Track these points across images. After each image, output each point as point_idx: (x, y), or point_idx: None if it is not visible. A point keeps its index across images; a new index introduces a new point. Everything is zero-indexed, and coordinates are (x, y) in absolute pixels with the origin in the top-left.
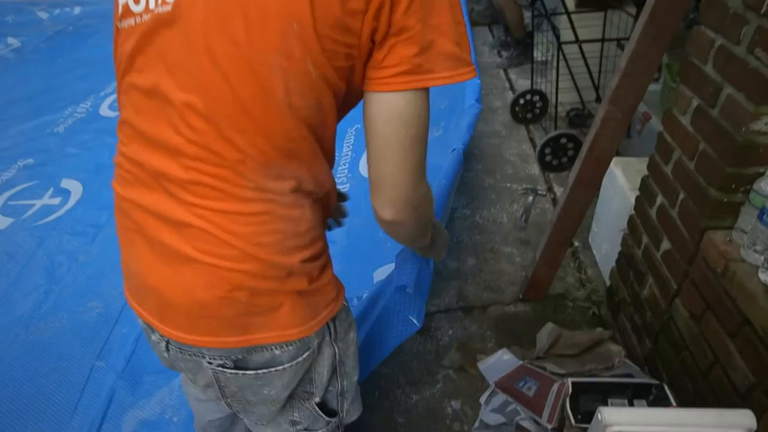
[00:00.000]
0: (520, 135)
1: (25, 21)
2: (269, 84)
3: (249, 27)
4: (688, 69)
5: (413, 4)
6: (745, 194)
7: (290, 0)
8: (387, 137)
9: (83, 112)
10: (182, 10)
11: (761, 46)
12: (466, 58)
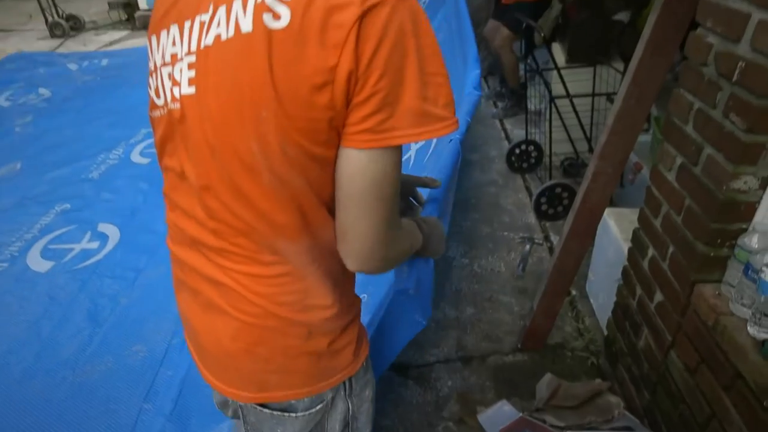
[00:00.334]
0: (517, 184)
1: (56, 72)
2: (255, 168)
3: (229, 120)
4: (670, 128)
5: (385, 73)
6: (730, 249)
7: (257, 90)
8: (350, 192)
9: (115, 159)
10: (186, 108)
11: (735, 111)
12: (439, 113)
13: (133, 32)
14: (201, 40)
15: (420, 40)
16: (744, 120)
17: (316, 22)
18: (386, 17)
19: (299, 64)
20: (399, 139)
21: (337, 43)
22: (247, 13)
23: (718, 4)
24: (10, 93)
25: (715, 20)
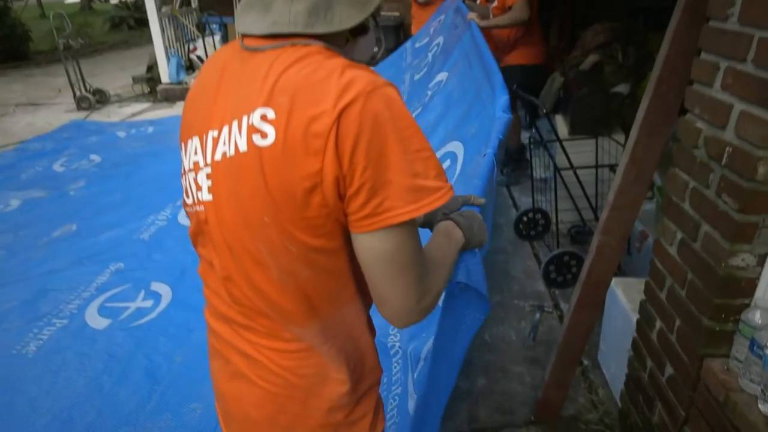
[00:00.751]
0: (525, 251)
1: (106, 139)
2: (264, 264)
3: (239, 225)
4: (669, 204)
5: (368, 164)
6: (735, 324)
7: (257, 200)
8: (372, 272)
9: (164, 220)
10: (207, 212)
11: (726, 192)
12: (431, 185)
13: (154, 104)
14: (213, 154)
15: (398, 123)
16: (736, 201)
17: (298, 135)
18: (358, 115)
19: (289, 174)
20: (398, 217)
21: (318, 149)
22: (241, 134)
23: (703, 94)
24: (64, 159)
25: (701, 108)
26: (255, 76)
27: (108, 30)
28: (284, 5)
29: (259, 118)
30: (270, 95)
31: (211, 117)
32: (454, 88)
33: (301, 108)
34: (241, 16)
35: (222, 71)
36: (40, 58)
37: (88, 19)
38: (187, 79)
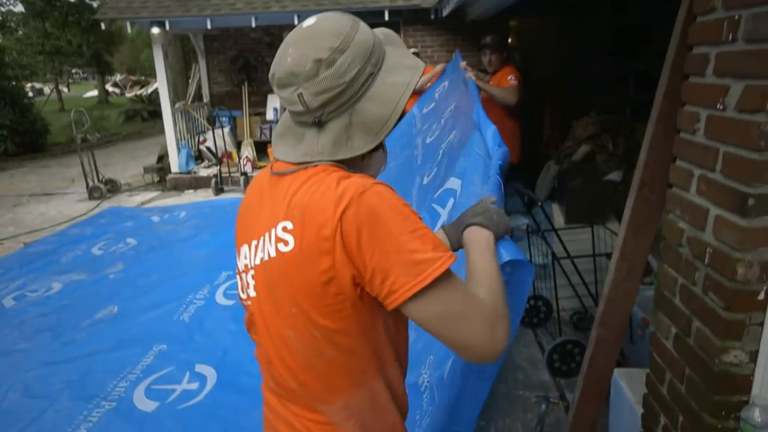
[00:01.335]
0: (528, 339)
1: (141, 224)
2: (293, 349)
3: (275, 317)
4: (661, 299)
5: (373, 251)
6: (736, 421)
7: (286, 296)
8: (434, 331)
9: (202, 300)
10: (254, 306)
11: (712, 290)
12: (430, 256)
13: (163, 193)
14: (255, 259)
15: (390, 213)
16: (721, 299)
17: (311, 240)
18: (355, 215)
19: (308, 271)
20: (411, 290)
21: (328, 249)
22: (271, 242)
23: (682, 197)
24: (102, 243)
25: (681, 210)
26: (280, 195)
27: (123, 122)
28: (313, 138)
29: (281, 229)
30: (287, 210)
31: (254, 229)
32: (458, 139)
33: (310, 219)
34: (276, 143)
35: (260, 192)
36: (56, 149)
37: (105, 112)
38: (195, 169)
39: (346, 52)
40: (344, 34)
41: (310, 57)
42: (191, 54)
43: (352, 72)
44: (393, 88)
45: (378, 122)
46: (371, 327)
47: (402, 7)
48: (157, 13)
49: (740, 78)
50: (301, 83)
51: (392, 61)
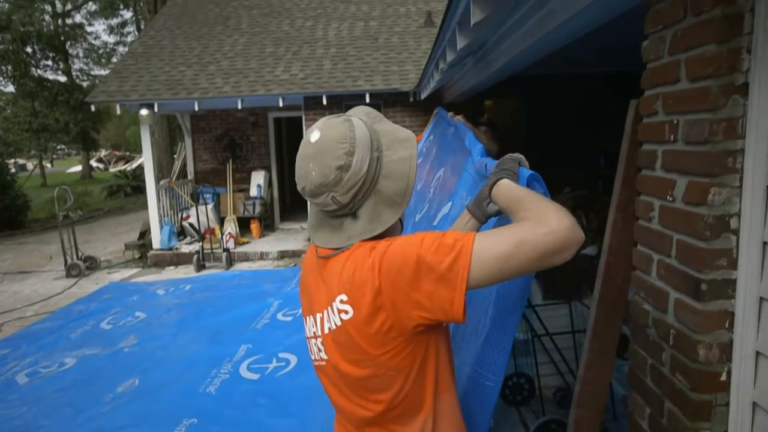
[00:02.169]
0: (513, 418)
1: (147, 297)
2: (370, 387)
3: (345, 369)
4: (635, 379)
5: (412, 287)
6: None
7: (354, 351)
8: (513, 277)
9: (226, 374)
10: (324, 368)
11: (678, 371)
12: (451, 257)
13: (143, 270)
14: (323, 329)
15: (410, 254)
16: (687, 380)
17: (365, 304)
18: (387, 271)
19: (370, 328)
20: (456, 304)
21: (379, 306)
22: (334, 314)
23: (645, 280)
24: (110, 318)
25: (645, 292)
26: (331, 274)
27: (105, 197)
28: (351, 224)
29: (339, 302)
30: (339, 285)
31: (316, 304)
32: (449, 171)
33: (358, 288)
34: (315, 233)
35: (314, 273)
36: (36, 225)
37: (88, 187)
38: (177, 245)
39: (356, 152)
40: (348, 137)
41: (332, 167)
42: (177, 131)
43: (365, 164)
44: (401, 163)
45: (399, 195)
46: (432, 354)
47: (382, 90)
48: (147, 96)
49: (684, 174)
50: (330, 190)
51: (387, 140)
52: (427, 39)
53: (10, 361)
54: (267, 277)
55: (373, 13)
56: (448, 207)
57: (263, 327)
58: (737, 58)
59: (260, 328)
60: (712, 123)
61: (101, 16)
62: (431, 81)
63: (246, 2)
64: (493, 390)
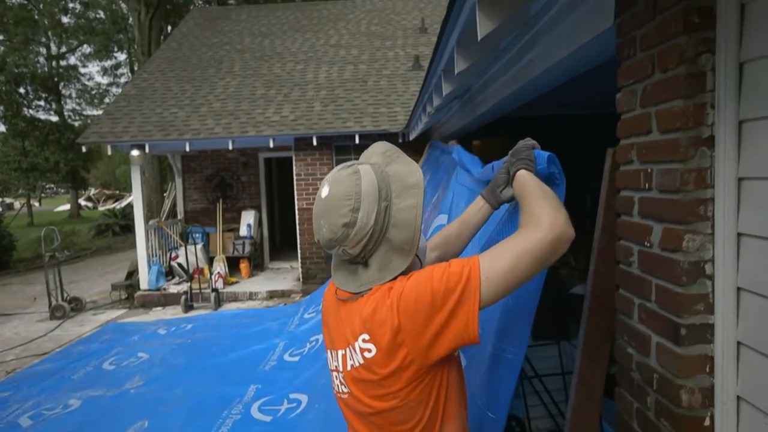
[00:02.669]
0: None
1: (148, 337)
2: (391, 419)
3: (362, 402)
4: (621, 423)
5: (429, 321)
6: None
7: (373, 386)
8: (519, 286)
9: (237, 415)
10: (345, 400)
11: (663, 416)
12: (461, 286)
13: (130, 311)
14: (345, 366)
15: (424, 289)
16: (672, 425)
17: (386, 342)
18: (404, 309)
19: (391, 365)
20: (471, 325)
21: (400, 343)
22: (357, 353)
23: (627, 323)
24: (113, 358)
25: (629, 336)
26: (352, 315)
27: (93, 236)
28: (363, 272)
29: (362, 341)
30: (362, 326)
31: (338, 341)
32: (442, 189)
33: (379, 327)
34: (335, 273)
35: (334, 311)
36: (21, 266)
37: (76, 226)
38: (165, 285)
39: (361, 208)
40: (353, 193)
41: (338, 224)
42: (168, 169)
43: (372, 217)
44: (408, 212)
45: (407, 243)
46: (445, 383)
47: (371, 131)
48: (138, 137)
49: (659, 221)
50: (340, 244)
51: (397, 186)
52: (415, 81)
53: (12, 403)
54: (269, 315)
55: (363, 57)
56: (442, 219)
57: (271, 369)
58: (702, 113)
59: (268, 370)
60: (683, 173)
61: (96, 59)
62: (419, 123)
63: (239, 46)
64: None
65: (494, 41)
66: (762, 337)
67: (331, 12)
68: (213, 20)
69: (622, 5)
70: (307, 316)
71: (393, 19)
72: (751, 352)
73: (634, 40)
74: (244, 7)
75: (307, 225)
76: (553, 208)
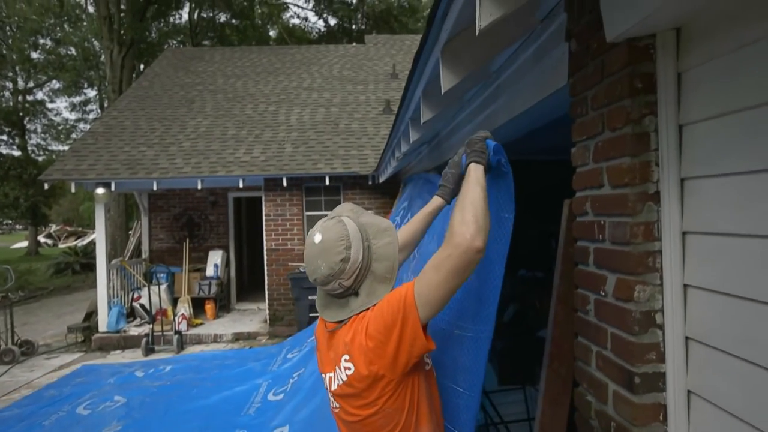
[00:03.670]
0: None
1: (125, 380)
2: (375, 426)
3: (354, 412)
4: None
5: (396, 338)
6: None
7: (354, 399)
8: (450, 292)
9: None
10: (338, 413)
11: None
12: (404, 300)
13: (86, 354)
14: (332, 385)
15: (386, 308)
16: None
17: (361, 360)
18: (366, 327)
19: (368, 380)
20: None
21: (371, 360)
22: (341, 371)
23: (586, 371)
24: (87, 402)
25: (587, 384)
26: (338, 342)
27: (51, 275)
28: (354, 301)
29: (344, 361)
30: (344, 348)
31: (326, 365)
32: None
33: (357, 348)
34: (323, 311)
35: (325, 339)
36: None
37: (34, 265)
38: (126, 328)
39: (352, 245)
40: (344, 235)
41: (336, 260)
42: (134, 207)
43: (360, 254)
44: (386, 248)
45: (388, 272)
46: (416, 391)
47: (341, 173)
48: (104, 175)
49: (613, 271)
50: (337, 278)
51: (373, 230)
52: (386, 125)
53: None
54: (251, 356)
55: (335, 100)
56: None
57: (256, 411)
58: (648, 170)
59: (253, 413)
60: (632, 226)
61: (64, 94)
62: (388, 166)
63: (212, 87)
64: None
65: (459, 93)
66: (709, 386)
67: (304, 56)
68: (187, 60)
69: (574, 66)
70: (290, 356)
71: (365, 64)
72: (701, 400)
73: (586, 99)
74: (218, 49)
75: (276, 266)
76: (466, 221)
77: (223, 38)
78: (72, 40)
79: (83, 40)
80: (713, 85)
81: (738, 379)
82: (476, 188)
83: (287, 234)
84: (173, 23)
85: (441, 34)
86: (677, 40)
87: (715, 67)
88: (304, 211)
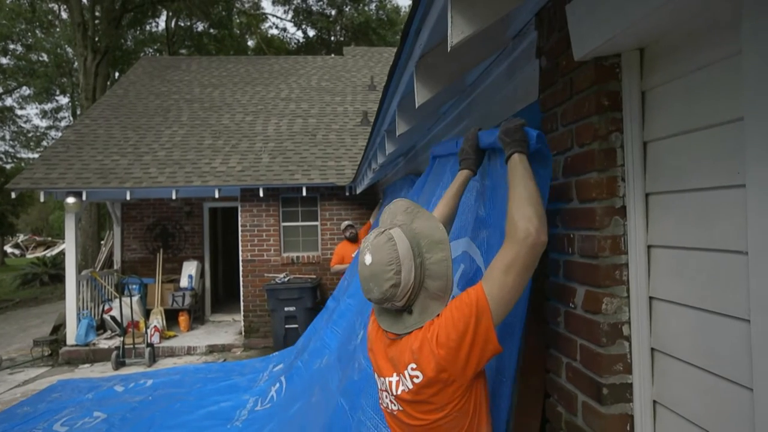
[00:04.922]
0: None
1: (105, 395)
2: (441, 428)
3: (419, 416)
4: None
5: (466, 346)
6: None
7: (428, 402)
8: (522, 287)
9: None
10: (394, 416)
11: None
12: (473, 311)
13: (53, 368)
14: (396, 390)
15: (451, 321)
16: None
17: (430, 368)
18: (439, 341)
19: (437, 385)
20: (492, 337)
21: (443, 368)
22: (407, 379)
23: (556, 382)
24: (64, 419)
25: (558, 395)
26: (403, 350)
27: (18, 286)
28: (407, 318)
29: (410, 369)
30: (410, 357)
31: (386, 369)
32: None
33: (425, 357)
34: (379, 317)
35: (379, 341)
36: None
37: None
38: (95, 341)
39: (402, 269)
40: (393, 258)
41: (386, 287)
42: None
43: (411, 274)
44: (440, 264)
45: (442, 290)
46: (480, 395)
47: (318, 184)
48: (75, 185)
49: (582, 284)
50: (390, 300)
51: (426, 242)
52: (363, 137)
53: None
54: (236, 370)
55: (312, 111)
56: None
57: (243, 423)
58: (615, 185)
59: (240, 425)
60: (600, 240)
61: (35, 101)
62: (365, 178)
63: (188, 96)
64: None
65: (433, 106)
66: (674, 396)
67: (282, 67)
68: (163, 69)
69: (544, 83)
70: (276, 370)
71: (343, 75)
72: (665, 410)
73: (556, 115)
74: (195, 58)
75: (252, 277)
76: (528, 216)
77: (201, 47)
78: (44, 46)
79: (56, 47)
80: (675, 104)
81: (700, 389)
82: (529, 181)
83: (263, 245)
84: (150, 31)
85: (415, 49)
86: (641, 60)
87: (676, 87)
88: (281, 221)
